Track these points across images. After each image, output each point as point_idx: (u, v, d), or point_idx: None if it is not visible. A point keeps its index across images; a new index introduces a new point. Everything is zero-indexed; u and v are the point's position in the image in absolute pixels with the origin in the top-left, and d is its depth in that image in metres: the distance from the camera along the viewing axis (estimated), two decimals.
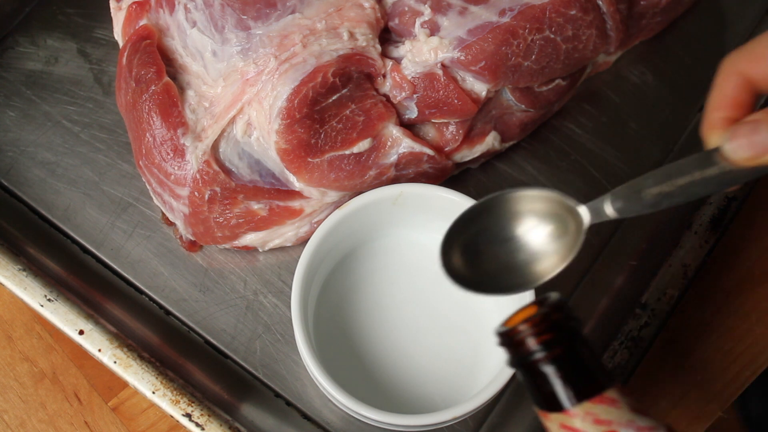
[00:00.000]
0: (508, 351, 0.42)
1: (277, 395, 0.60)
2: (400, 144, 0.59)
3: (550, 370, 0.40)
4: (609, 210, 0.44)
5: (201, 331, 0.61)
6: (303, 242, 0.61)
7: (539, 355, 0.40)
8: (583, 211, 0.45)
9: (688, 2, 0.68)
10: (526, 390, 0.41)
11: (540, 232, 0.46)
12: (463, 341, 0.58)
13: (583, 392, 0.39)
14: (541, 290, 0.46)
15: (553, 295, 0.42)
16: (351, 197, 0.58)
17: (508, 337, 0.41)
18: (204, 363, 0.60)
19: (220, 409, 0.57)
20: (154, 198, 0.62)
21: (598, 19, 0.61)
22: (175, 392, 0.56)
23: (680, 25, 0.70)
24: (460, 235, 0.47)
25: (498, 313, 0.52)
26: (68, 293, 0.59)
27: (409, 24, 0.59)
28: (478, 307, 0.59)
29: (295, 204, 0.60)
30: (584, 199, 0.66)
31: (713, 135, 0.44)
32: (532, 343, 0.40)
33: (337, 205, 0.60)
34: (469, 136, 0.62)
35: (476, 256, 0.46)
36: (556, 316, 0.41)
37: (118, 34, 0.63)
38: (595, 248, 0.64)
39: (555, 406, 0.40)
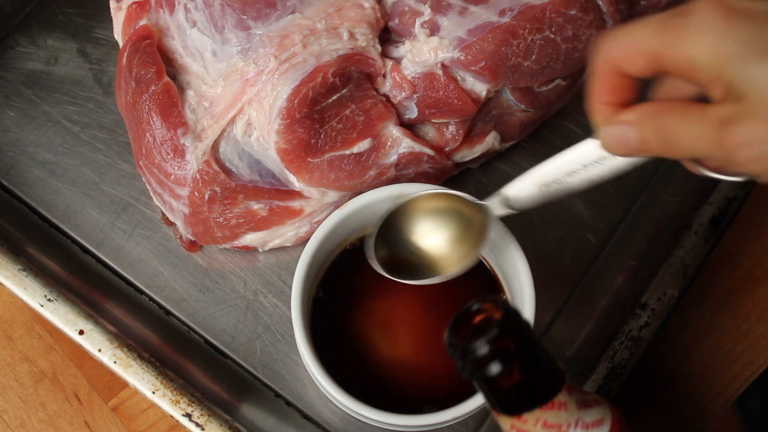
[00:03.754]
0: (461, 363, 0.41)
1: (277, 395, 0.60)
2: (400, 144, 0.59)
3: (502, 383, 0.40)
4: (508, 201, 0.49)
5: (201, 331, 0.61)
6: (303, 242, 0.61)
7: (495, 371, 0.40)
8: (487, 205, 0.50)
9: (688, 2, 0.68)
10: (480, 393, 0.42)
11: (450, 228, 0.52)
12: None
13: (534, 400, 0.40)
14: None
15: (504, 304, 0.42)
16: (351, 197, 0.58)
17: (462, 352, 0.41)
18: (204, 363, 0.60)
19: (220, 409, 0.57)
20: (154, 198, 0.62)
21: (598, 19, 0.61)
22: (175, 392, 0.56)
23: None
24: (386, 232, 0.52)
25: None
26: (68, 293, 0.59)
27: (409, 24, 0.59)
28: None
29: (295, 204, 0.60)
30: (585, 200, 0.66)
31: (596, 119, 0.44)
32: (485, 362, 0.40)
33: (337, 205, 0.60)
34: (469, 136, 0.62)
35: (403, 253, 0.52)
36: (512, 333, 0.40)
37: (118, 34, 0.63)
38: (595, 248, 0.64)
39: (507, 411, 0.41)
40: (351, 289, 0.59)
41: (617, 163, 0.46)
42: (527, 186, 0.48)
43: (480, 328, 0.42)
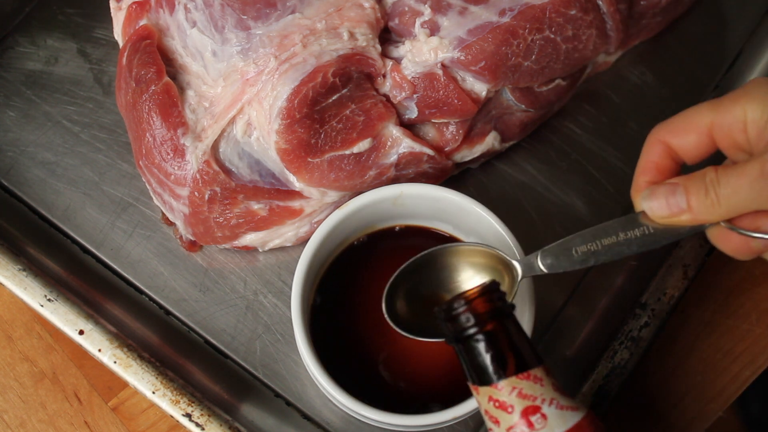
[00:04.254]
0: (447, 327, 0.46)
1: (277, 395, 0.60)
2: (400, 144, 0.59)
3: (481, 345, 0.44)
4: (540, 265, 0.49)
5: (201, 331, 0.61)
6: (303, 242, 0.61)
7: (472, 331, 0.45)
8: (518, 266, 0.49)
9: (688, 2, 0.68)
10: (462, 365, 0.46)
11: (477, 283, 0.50)
12: None
13: (510, 368, 0.44)
14: None
15: (489, 281, 0.47)
16: (351, 197, 0.58)
17: (447, 313, 0.46)
18: (204, 363, 0.60)
19: (220, 409, 0.57)
20: (154, 198, 0.62)
21: (598, 19, 0.61)
22: (175, 392, 0.56)
23: (680, 25, 0.70)
24: (404, 284, 0.51)
25: None
26: (68, 293, 0.59)
27: (409, 24, 0.59)
28: None
29: (295, 204, 0.60)
30: (585, 200, 0.66)
31: (638, 198, 0.48)
32: (466, 319, 0.45)
33: (337, 205, 0.60)
34: (469, 136, 0.62)
35: (418, 304, 0.51)
36: (489, 297, 0.45)
37: (118, 34, 0.63)
38: None
39: (485, 379, 0.44)
40: (351, 289, 0.59)
41: (652, 235, 0.47)
42: (562, 251, 0.49)
43: (466, 301, 0.46)
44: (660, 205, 0.46)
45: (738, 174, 0.43)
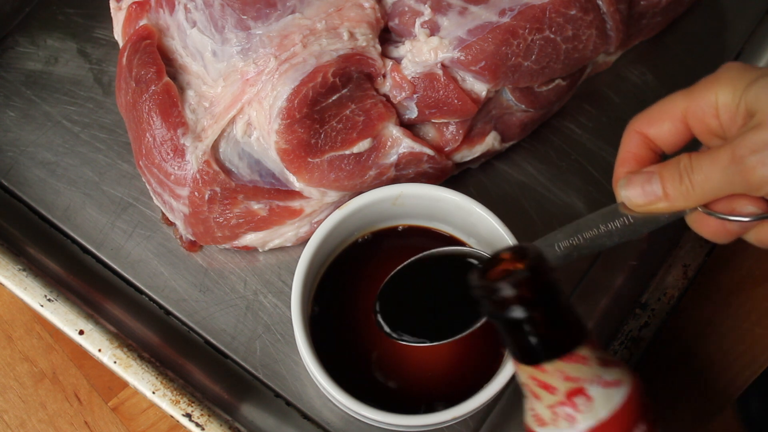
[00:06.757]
0: (486, 304, 0.43)
1: (277, 395, 0.60)
2: (400, 144, 0.59)
3: (527, 329, 0.42)
4: None
5: (201, 331, 0.61)
6: (303, 242, 0.61)
7: (518, 314, 0.42)
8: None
9: (688, 2, 0.68)
10: (502, 339, 0.44)
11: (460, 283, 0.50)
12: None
13: (556, 350, 0.42)
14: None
15: (534, 251, 0.44)
16: (351, 197, 0.58)
17: (488, 292, 0.43)
18: (204, 363, 0.60)
19: (220, 409, 0.57)
20: (154, 198, 0.62)
21: (598, 19, 0.61)
22: (175, 392, 0.56)
23: (680, 25, 0.70)
24: (393, 292, 0.52)
25: None
26: (68, 293, 0.59)
27: (409, 24, 0.59)
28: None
29: (295, 204, 0.60)
30: (585, 200, 0.66)
31: (617, 184, 0.48)
32: (512, 301, 0.42)
33: (337, 205, 0.60)
34: (469, 136, 0.62)
35: (409, 310, 0.51)
36: (538, 278, 0.42)
37: (118, 34, 0.63)
38: None
39: (529, 360, 0.42)
40: (351, 289, 0.59)
41: (632, 225, 0.47)
42: (544, 247, 0.48)
43: (507, 272, 0.43)
44: (637, 194, 0.46)
45: (711, 160, 0.43)
